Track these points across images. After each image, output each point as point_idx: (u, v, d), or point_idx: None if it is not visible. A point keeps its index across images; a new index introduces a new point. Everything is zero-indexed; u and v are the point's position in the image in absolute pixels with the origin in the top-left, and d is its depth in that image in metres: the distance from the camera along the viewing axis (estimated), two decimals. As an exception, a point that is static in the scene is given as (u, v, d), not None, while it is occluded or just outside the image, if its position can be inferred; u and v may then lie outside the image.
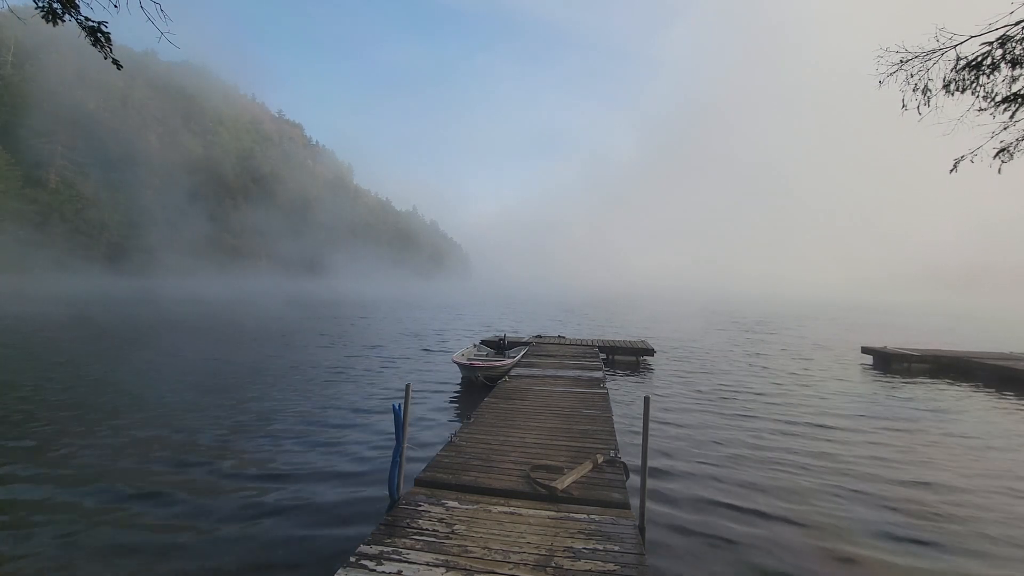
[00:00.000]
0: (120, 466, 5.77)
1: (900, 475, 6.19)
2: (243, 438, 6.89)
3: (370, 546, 3.22)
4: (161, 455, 6.16)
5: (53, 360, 12.05)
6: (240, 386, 10.03)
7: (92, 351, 13.69)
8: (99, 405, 8.25)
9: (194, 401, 8.70)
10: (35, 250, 54.21)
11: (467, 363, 10.39)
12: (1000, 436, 8.10)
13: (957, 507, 5.32)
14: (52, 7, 3.52)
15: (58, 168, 64.48)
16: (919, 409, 9.80)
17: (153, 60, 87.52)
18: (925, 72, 4.99)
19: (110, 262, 64.74)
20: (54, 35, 67.17)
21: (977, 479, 6.18)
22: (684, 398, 10.03)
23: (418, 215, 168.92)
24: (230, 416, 7.90)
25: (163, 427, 7.23)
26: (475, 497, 4.09)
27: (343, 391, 9.88)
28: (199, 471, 5.72)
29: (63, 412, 7.78)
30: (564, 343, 15.48)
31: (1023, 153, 4.91)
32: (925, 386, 12.28)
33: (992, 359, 14.37)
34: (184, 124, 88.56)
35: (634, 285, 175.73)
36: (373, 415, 8.18)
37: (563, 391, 8.32)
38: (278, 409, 8.40)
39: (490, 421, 6.36)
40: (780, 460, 6.57)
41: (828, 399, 10.42)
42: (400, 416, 4.21)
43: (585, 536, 3.47)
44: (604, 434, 5.89)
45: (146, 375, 10.79)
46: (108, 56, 3.79)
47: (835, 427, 8.25)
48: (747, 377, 12.75)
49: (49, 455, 6.03)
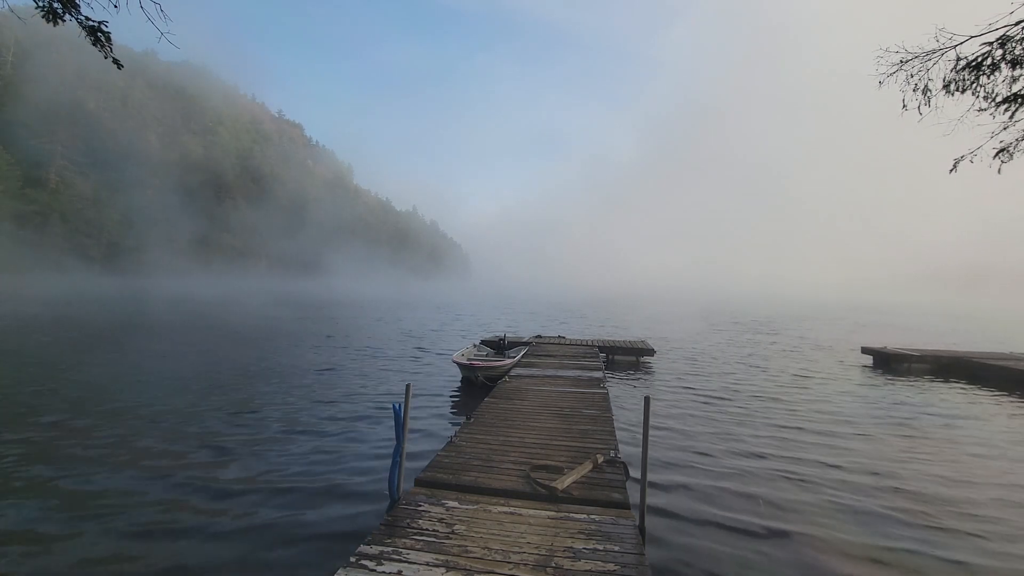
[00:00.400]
0: (119, 458, 5.78)
1: (899, 474, 6.19)
2: (242, 438, 6.89)
3: (370, 546, 3.22)
4: (160, 455, 6.16)
5: (25, 361, 11.85)
6: (240, 385, 10.03)
7: (67, 352, 13.66)
8: (66, 407, 8.24)
9: (191, 402, 8.70)
10: (33, 250, 54.15)
11: (467, 363, 10.39)
12: (999, 436, 8.10)
13: (957, 507, 5.32)
14: (52, 7, 3.52)
15: (58, 168, 64.43)
16: (919, 409, 9.80)
17: (153, 60, 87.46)
18: (925, 72, 4.99)
19: (108, 262, 64.64)
20: (54, 35, 67.19)
21: (976, 479, 6.19)
22: (684, 398, 10.03)
23: (418, 215, 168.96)
24: (229, 416, 7.90)
25: (159, 427, 7.23)
26: (475, 497, 4.09)
27: (343, 391, 9.87)
28: (195, 472, 5.71)
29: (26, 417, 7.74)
30: (564, 343, 15.48)
31: (1023, 153, 4.91)
32: (925, 386, 12.28)
33: (992, 359, 14.38)
34: (184, 124, 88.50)
35: (634, 285, 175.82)
36: (373, 415, 8.17)
37: (563, 391, 8.32)
38: (277, 409, 8.39)
39: (490, 421, 6.36)
40: (780, 460, 6.57)
41: (827, 399, 10.42)
42: (400, 416, 4.21)
43: (585, 536, 3.47)
44: (604, 434, 5.89)
45: (140, 372, 10.80)
46: (108, 56, 3.79)
47: (835, 427, 8.25)
48: (747, 377, 12.75)
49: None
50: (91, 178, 67.03)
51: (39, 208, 58.72)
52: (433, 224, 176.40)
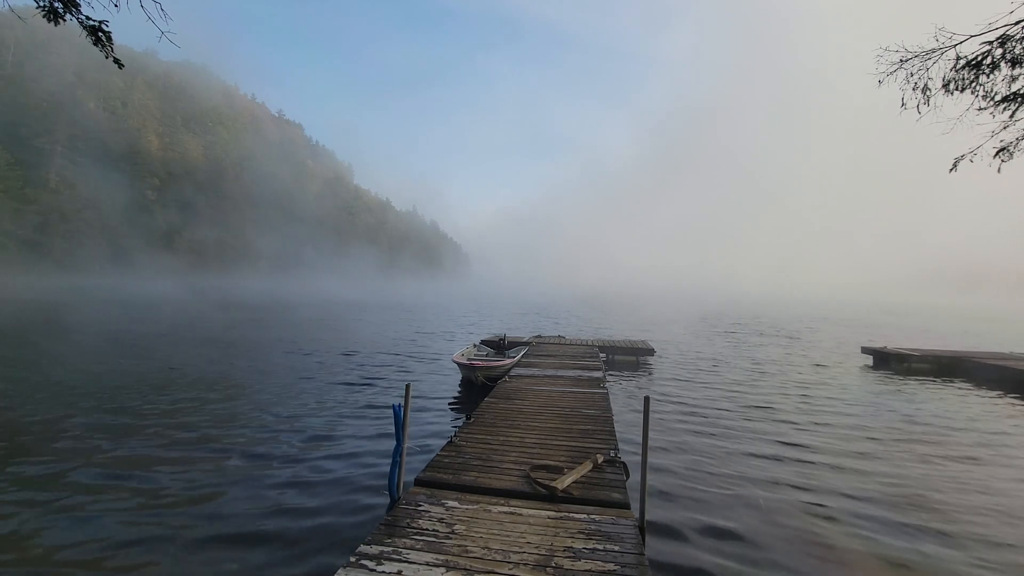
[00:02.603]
0: (120, 454, 5.78)
1: (898, 475, 6.20)
2: (241, 438, 6.89)
3: (370, 546, 3.22)
4: (158, 454, 6.16)
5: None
6: (237, 386, 10.03)
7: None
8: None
9: (188, 399, 8.70)
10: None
11: (467, 363, 10.38)
12: (998, 436, 8.10)
13: (958, 507, 5.32)
14: (53, 6, 3.52)
15: (58, 168, 64.41)
16: (917, 409, 9.80)
17: (153, 60, 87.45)
18: (925, 71, 5.00)
19: (106, 263, 64.54)
20: (54, 35, 67.11)
21: (976, 480, 6.19)
22: (684, 398, 10.03)
23: (417, 215, 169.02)
24: (227, 416, 7.90)
25: (156, 424, 7.23)
26: (475, 497, 4.09)
27: (342, 391, 9.88)
28: (195, 472, 5.71)
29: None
30: (564, 343, 15.48)
31: (1022, 152, 4.92)
32: (925, 386, 12.28)
33: (992, 359, 14.38)
34: (184, 124, 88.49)
35: (634, 286, 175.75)
36: (373, 415, 8.18)
37: (563, 391, 8.32)
38: (277, 409, 8.40)
39: (490, 421, 6.36)
40: (780, 460, 6.57)
41: (827, 400, 10.42)
42: (400, 416, 4.21)
43: (585, 536, 3.47)
44: (604, 434, 5.89)
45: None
46: (109, 55, 3.79)
47: (835, 427, 8.25)
48: (747, 377, 12.75)
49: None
50: (91, 178, 66.78)
51: (39, 208, 58.21)
52: (433, 224, 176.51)
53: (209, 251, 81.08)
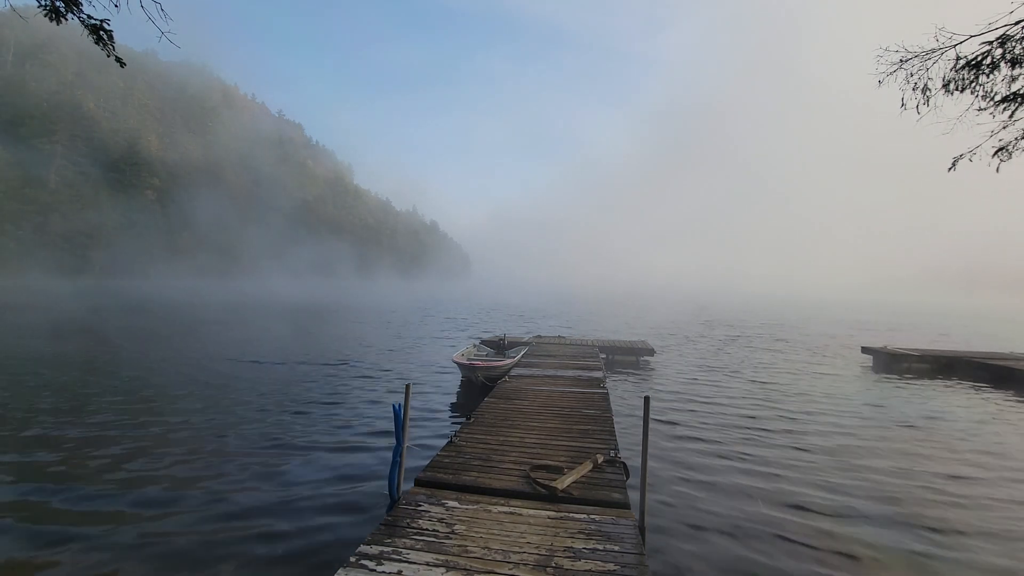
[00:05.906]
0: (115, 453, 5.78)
1: (897, 474, 6.20)
2: (240, 438, 6.89)
3: (370, 546, 3.22)
4: (157, 454, 6.16)
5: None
6: (236, 384, 10.03)
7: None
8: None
9: (187, 398, 8.70)
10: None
11: (467, 363, 10.37)
12: (998, 436, 8.10)
13: (957, 508, 5.32)
14: (55, 5, 3.51)
15: (58, 168, 64.36)
16: (917, 409, 9.80)
17: (153, 59, 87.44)
18: (925, 71, 5.00)
19: (106, 262, 64.44)
20: (54, 34, 67.14)
21: (978, 480, 6.19)
22: (684, 398, 10.03)
23: (417, 214, 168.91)
24: (226, 416, 7.90)
25: (154, 424, 7.23)
26: (475, 497, 4.08)
27: (342, 391, 9.88)
28: (197, 471, 5.71)
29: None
30: (564, 343, 15.47)
31: (1022, 152, 4.92)
32: (925, 386, 12.28)
33: (992, 359, 14.38)
34: (184, 124, 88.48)
35: (636, 285, 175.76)
36: (372, 415, 8.18)
37: (563, 391, 8.31)
38: (276, 409, 8.39)
39: (490, 421, 6.36)
40: (780, 460, 6.57)
41: (827, 400, 10.42)
42: (400, 416, 4.20)
43: (585, 536, 3.47)
44: (604, 434, 5.88)
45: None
46: (111, 54, 3.79)
47: (835, 427, 8.26)
48: (748, 377, 12.75)
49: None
50: (91, 178, 66.66)
51: (38, 208, 58.11)
52: (433, 224, 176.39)
53: (209, 252, 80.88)
